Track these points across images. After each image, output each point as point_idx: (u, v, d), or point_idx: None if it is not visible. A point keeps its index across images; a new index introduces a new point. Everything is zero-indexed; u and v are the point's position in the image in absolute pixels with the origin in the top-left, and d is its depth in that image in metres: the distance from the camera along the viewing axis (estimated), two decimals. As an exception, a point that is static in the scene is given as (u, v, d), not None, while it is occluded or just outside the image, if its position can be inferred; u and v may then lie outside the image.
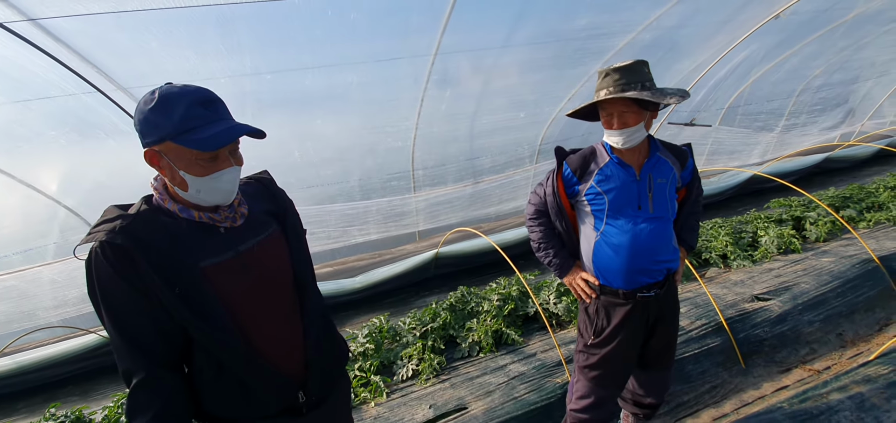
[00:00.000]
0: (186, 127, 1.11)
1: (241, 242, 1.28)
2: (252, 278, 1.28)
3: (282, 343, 1.34)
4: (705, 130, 6.79)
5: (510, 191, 6.35)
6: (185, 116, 1.11)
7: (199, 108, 1.13)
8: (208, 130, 1.12)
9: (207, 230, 1.24)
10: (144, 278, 1.12)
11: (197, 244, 1.21)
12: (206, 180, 1.17)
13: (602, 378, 2.06)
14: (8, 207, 4.49)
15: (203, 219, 1.23)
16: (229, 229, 1.28)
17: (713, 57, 5.27)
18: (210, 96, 1.17)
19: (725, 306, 3.63)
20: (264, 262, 1.32)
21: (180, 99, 1.11)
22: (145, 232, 1.15)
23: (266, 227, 1.37)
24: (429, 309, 4.00)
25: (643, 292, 1.93)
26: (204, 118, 1.13)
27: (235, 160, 1.22)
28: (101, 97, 2.93)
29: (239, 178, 1.26)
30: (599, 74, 1.83)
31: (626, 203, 1.90)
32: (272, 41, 3.02)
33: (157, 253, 1.14)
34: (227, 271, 1.24)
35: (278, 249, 1.38)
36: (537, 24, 3.77)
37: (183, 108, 1.11)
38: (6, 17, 2.12)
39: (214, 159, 1.17)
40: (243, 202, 1.34)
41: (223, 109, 1.20)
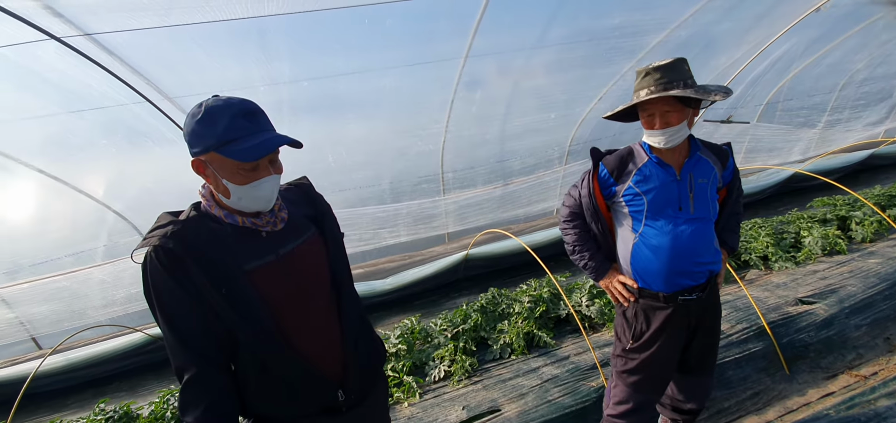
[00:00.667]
0: (228, 138, 1.17)
1: (281, 245, 1.34)
2: (292, 280, 1.33)
3: (321, 343, 1.38)
4: (742, 128, 6.57)
5: (539, 192, 6.30)
6: (228, 127, 1.17)
7: (241, 120, 1.19)
8: (248, 142, 1.18)
9: (251, 235, 1.30)
10: (194, 280, 1.19)
11: (241, 248, 1.27)
12: (246, 189, 1.23)
13: (641, 383, 2.02)
14: (60, 212, 4.76)
15: (246, 224, 1.29)
16: (271, 233, 1.33)
17: (751, 52, 5.10)
18: (252, 108, 1.22)
19: (767, 310, 3.50)
20: (304, 264, 1.37)
21: (224, 112, 1.17)
22: (194, 237, 1.22)
23: (305, 230, 1.42)
24: (459, 310, 4.01)
25: (684, 295, 1.89)
26: (245, 130, 1.19)
27: (275, 169, 1.27)
28: (149, 107, 3.08)
29: (278, 185, 1.32)
30: (638, 73, 1.80)
31: (666, 204, 1.86)
32: (309, 49, 3.11)
33: (205, 257, 1.21)
34: (269, 274, 1.29)
35: (317, 251, 1.43)
36: (569, 24, 3.74)
37: (226, 120, 1.17)
38: (64, 32, 2.27)
39: (255, 169, 1.22)
40: (284, 207, 1.40)
41: (264, 120, 1.25)
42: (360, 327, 1.53)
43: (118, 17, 2.27)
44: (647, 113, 1.78)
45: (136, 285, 5.24)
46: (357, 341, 1.48)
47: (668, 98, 1.71)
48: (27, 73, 2.65)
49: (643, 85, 1.75)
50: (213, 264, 1.21)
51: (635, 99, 1.78)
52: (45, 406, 4.57)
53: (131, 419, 3.28)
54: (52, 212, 4.66)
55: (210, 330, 1.24)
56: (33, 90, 2.87)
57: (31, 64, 2.55)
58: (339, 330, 1.43)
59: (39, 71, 2.63)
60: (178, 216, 1.29)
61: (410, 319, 4.10)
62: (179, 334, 1.22)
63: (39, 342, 5.94)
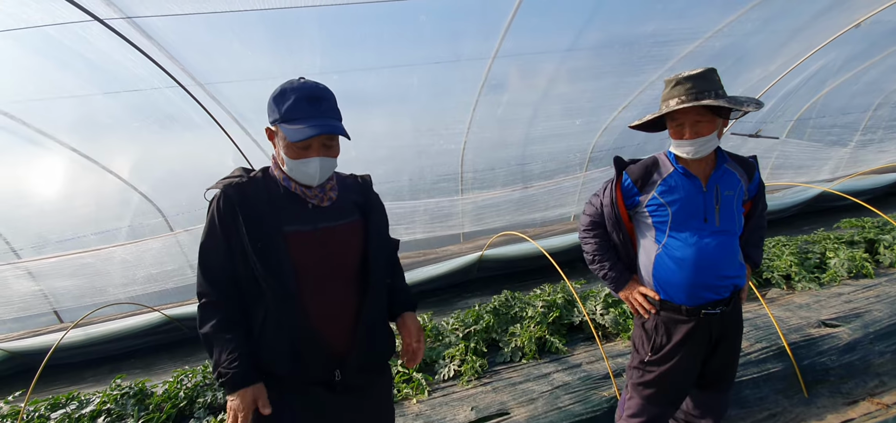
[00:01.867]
0: (288, 117, 1.34)
1: (322, 219, 1.47)
2: (324, 254, 1.45)
3: (334, 320, 1.48)
4: (771, 143, 6.42)
5: (558, 197, 6.26)
6: (291, 107, 1.33)
7: (304, 103, 1.34)
8: (302, 124, 1.33)
9: (299, 202, 1.45)
10: (238, 228, 1.37)
11: (287, 211, 1.43)
12: (296, 163, 1.39)
13: (657, 397, 1.99)
14: (88, 190, 4.90)
15: (297, 191, 1.45)
16: (317, 206, 1.47)
17: (785, 66, 4.98)
18: (319, 94, 1.38)
19: (788, 330, 3.42)
20: (339, 243, 1.49)
21: (292, 93, 1.35)
22: (252, 192, 1.41)
23: (350, 215, 1.54)
24: (472, 311, 4.01)
25: (708, 308, 1.86)
26: (304, 113, 1.34)
27: (328, 153, 1.42)
28: (181, 92, 3.15)
29: (331, 167, 1.45)
30: (667, 82, 1.77)
31: (691, 215, 1.83)
32: (340, 43, 3.15)
33: (254, 211, 1.38)
34: (304, 240, 1.43)
35: (355, 237, 1.53)
36: (603, 30, 3.71)
37: (292, 100, 1.34)
38: (107, 15, 2.34)
39: (306, 148, 1.37)
40: (335, 188, 1.53)
41: (328, 106, 1.40)
42: (377, 318, 1.59)
43: (161, 2, 2.34)
44: (677, 122, 1.76)
45: (156, 267, 5.37)
46: (369, 330, 1.54)
47: (698, 108, 1.69)
48: (69, 52, 2.75)
49: (673, 94, 1.72)
50: (258, 218, 1.38)
51: (665, 108, 1.76)
52: (63, 378, 4.71)
53: (146, 396, 3.36)
54: (81, 189, 4.80)
55: (236, 273, 1.40)
56: (73, 70, 2.98)
57: (75, 44, 2.65)
58: (354, 313, 1.51)
59: (82, 52, 2.73)
60: (250, 173, 1.47)
61: (422, 316, 4.11)
62: (208, 264, 1.40)
63: (61, 316, 6.13)
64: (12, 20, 2.34)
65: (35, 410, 3.33)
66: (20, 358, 4.86)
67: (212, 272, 1.40)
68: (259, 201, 1.41)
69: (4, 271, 5.20)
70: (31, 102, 3.38)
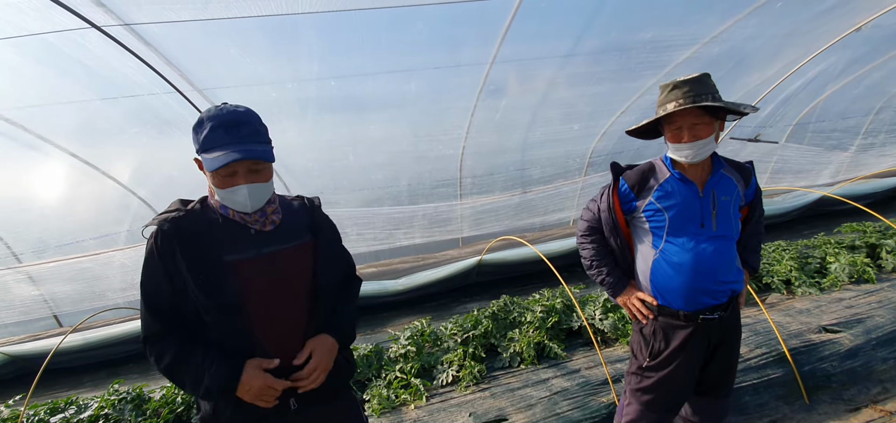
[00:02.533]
0: (206, 147, 1.29)
1: (266, 245, 1.42)
2: (270, 279, 1.41)
3: (285, 346, 1.44)
4: (770, 147, 6.41)
5: (557, 202, 6.26)
6: (207, 137, 1.29)
7: (221, 131, 1.28)
8: (217, 153, 1.28)
9: (239, 229, 1.41)
10: (177, 264, 1.32)
11: (227, 240, 1.38)
12: (224, 192, 1.34)
13: (656, 403, 1.98)
14: (88, 195, 4.91)
15: (235, 218, 1.40)
16: (260, 231, 1.42)
17: (784, 70, 4.98)
18: (238, 119, 1.31)
19: (789, 336, 3.40)
20: (285, 267, 1.45)
21: (208, 121, 1.29)
22: (190, 225, 1.36)
23: (296, 238, 1.49)
24: (470, 316, 4.00)
25: (705, 314, 1.85)
26: (221, 141, 1.28)
27: (257, 178, 1.36)
28: (179, 97, 3.16)
29: (262, 192, 1.38)
30: (663, 88, 1.78)
31: (688, 220, 1.83)
32: (338, 49, 3.16)
33: (194, 244, 1.34)
34: (248, 268, 1.38)
35: (303, 259, 1.50)
36: (601, 37, 3.72)
37: (207, 129, 1.29)
38: (105, 22, 2.35)
39: (232, 175, 1.32)
40: (278, 211, 1.48)
41: (247, 131, 1.32)
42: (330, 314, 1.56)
43: (159, 9, 2.35)
44: (675, 126, 1.76)
45: (155, 271, 5.36)
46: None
47: (696, 111, 1.69)
48: (68, 59, 2.77)
49: (670, 98, 1.72)
50: (198, 251, 1.34)
51: (662, 112, 1.75)
52: (62, 382, 4.70)
53: (143, 402, 3.35)
54: (80, 194, 4.82)
55: (180, 309, 1.36)
56: (72, 76, 3.00)
57: (73, 51, 2.67)
58: (306, 338, 1.48)
59: (80, 58, 2.74)
60: (187, 205, 1.42)
61: (421, 321, 4.10)
62: (149, 305, 1.36)
63: (60, 320, 6.13)
64: (12, 28, 2.36)
65: (35, 414, 3.33)
66: (20, 362, 4.86)
67: (157, 310, 1.36)
68: (198, 233, 1.36)
69: (5, 275, 5.21)
70: (31, 109, 3.40)
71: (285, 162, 4.85)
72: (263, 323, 1.40)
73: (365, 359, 3.64)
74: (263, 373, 1.36)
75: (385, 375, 3.44)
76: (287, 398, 1.45)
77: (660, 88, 1.80)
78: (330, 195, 5.36)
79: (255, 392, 1.35)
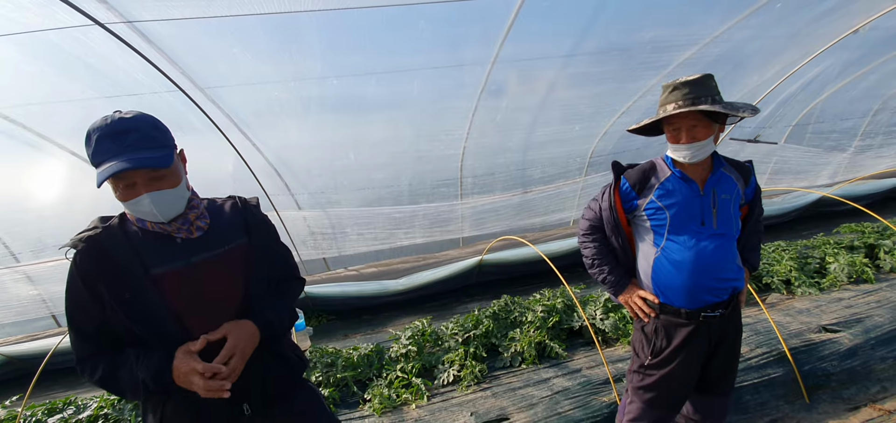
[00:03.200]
0: (96, 161, 1.21)
1: (194, 253, 1.36)
2: (201, 288, 1.35)
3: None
4: (769, 148, 6.43)
5: (557, 202, 6.27)
6: (95, 149, 1.20)
7: (107, 142, 1.19)
8: (105, 165, 1.19)
9: (164, 240, 1.33)
10: (99, 284, 1.25)
11: (152, 253, 1.31)
12: (128, 205, 1.26)
13: (658, 401, 1.99)
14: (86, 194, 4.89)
15: (155, 229, 1.32)
16: (185, 239, 1.35)
17: (783, 72, 5.00)
18: (125, 127, 1.22)
19: (789, 336, 3.42)
20: (216, 274, 1.38)
21: (94, 134, 1.21)
22: (110, 242, 1.28)
23: (228, 242, 1.43)
24: (471, 316, 4.00)
25: (707, 311, 1.86)
26: (108, 153, 1.19)
27: (160, 185, 1.26)
28: (181, 96, 3.16)
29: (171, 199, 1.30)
30: (664, 88, 1.79)
31: (689, 219, 1.84)
32: (340, 48, 3.16)
33: (115, 262, 1.26)
34: (176, 279, 1.32)
35: (236, 264, 1.43)
36: (601, 38, 3.73)
37: (94, 143, 1.20)
38: (107, 19, 2.35)
39: (130, 186, 1.23)
40: (204, 216, 1.41)
41: (135, 138, 1.22)
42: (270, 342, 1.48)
43: (161, 6, 2.35)
44: (674, 127, 1.77)
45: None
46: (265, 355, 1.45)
47: (695, 113, 1.70)
48: (70, 57, 2.76)
49: (670, 99, 1.74)
50: (121, 268, 1.26)
51: (662, 113, 1.77)
52: (60, 383, 4.68)
53: (143, 401, 3.34)
54: (79, 194, 4.80)
55: (108, 329, 1.29)
56: (73, 75, 2.99)
57: (75, 49, 2.66)
58: None
59: (82, 56, 2.73)
60: (107, 222, 1.34)
61: (421, 321, 4.10)
62: (77, 328, 1.30)
63: (59, 320, 6.11)
64: (12, 24, 2.35)
65: (32, 414, 3.32)
66: (18, 363, 4.84)
67: (85, 334, 1.30)
68: (119, 250, 1.28)
69: (3, 275, 5.19)
70: (31, 107, 3.39)
71: (286, 161, 4.85)
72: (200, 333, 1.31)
73: (366, 359, 3.65)
74: (190, 354, 1.27)
75: (386, 374, 3.45)
76: (240, 403, 1.41)
77: (662, 88, 1.81)
78: (331, 195, 5.36)
79: (181, 376, 1.26)
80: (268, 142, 4.38)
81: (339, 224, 5.59)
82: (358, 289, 5.31)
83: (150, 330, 1.28)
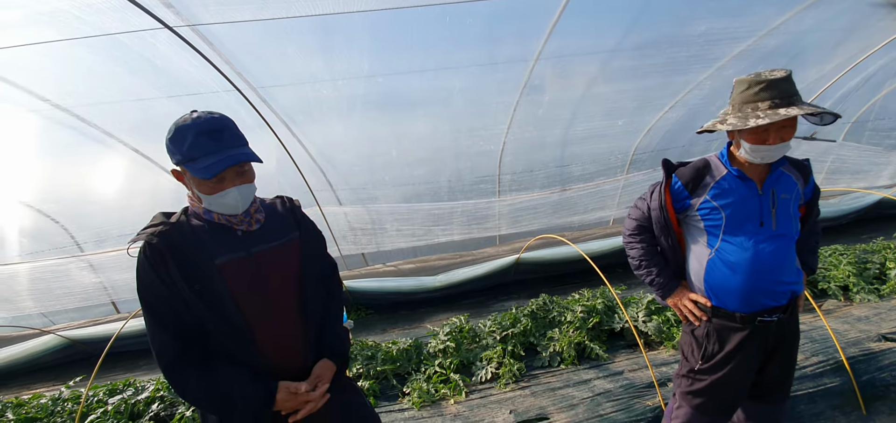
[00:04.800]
0: (192, 156, 1.29)
1: (254, 244, 1.45)
2: (260, 278, 1.43)
3: (281, 344, 1.47)
4: (826, 146, 6.09)
5: (597, 200, 6.16)
6: (192, 145, 1.29)
7: (204, 138, 1.29)
8: (208, 160, 1.29)
9: (226, 232, 1.42)
10: (172, 275, 1.32)
11: (215, 244, 1.39)
12: (213, 198, 1.36)
13: (708, 407, 1.94)
14: (145, 189, 5.19)
15: (221, 221, 1.42)
16: (246, 232, 1.45)
17: (842, 66, 4.74)
18: (217, 126, 1.33)
19: (847, 344, 3.25)
20: (275, 264, 1.48)
21: (189, 130, 1.29)
22: (178, 236, 1.36)
23: (282, 236, 1.53)
24: (509, 314, 4.00)
25: (764, 316, 1.79)
26: (206, 148, 1.29)
27: (243, 179, 1.38)
28: (237, 96, 3.32)
29: (250, 193, 1.42)
30: (746, 83, 1.64)
31: (746, 219, 1.77)
32: (389, 46, 3.24)
33: (183, 254, 1.34)
34: (239, 269, 1.40)
35: (291, 256, 1.53)
36: (651, 30, 3.64)
37: (190, 138, 1.29)
38: (175, 22, 2.50)
39: (220, 181, 1.34)
40: (261, 210, 1.52)
41: (229, 137, 1.34)
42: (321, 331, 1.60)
43: (222, 9, 2.48)
44: (761, 128, 1.64)
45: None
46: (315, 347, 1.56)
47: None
48: (139, 59, 2.96)
49: (762, 98, 1.60)
50: (189, 260, 1.34)
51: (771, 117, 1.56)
52: (119, 366, 4.99)
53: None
54: (139, 187, 5.10)
55: (183, 318, 1.35)
56: (141, 75, 3.20)
57: (144, 51, 2.85)
58: (301, 334, 1.52)
59: (149, 57, 2.93)
60: (170, 217, 1.42)
61: (459, 317, 4.14)
62: (156, 317, 1.34)
63: (118, 307, 6.51)
64: (90, 28, 2.54)
65: (94, 394, 3.56)
66: (80, 346, 5.19)
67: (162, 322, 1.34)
68: (186, 243, 1.36)
69: (68, 263, 5.58)
70: (102, 105, 3.64)
71: (330, 158, 4.98)
72: (260, 322, 1.42)
73: (405, 353, 3.71)
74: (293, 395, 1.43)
75: (424, 369, 3.50)
76: None
77: (736, 83, 1.69)
78: (371, 191, 5.47)
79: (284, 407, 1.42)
80: (314, 138, 4.52)
81: (378, 220, 5.69)
82: (396, 284, 5.40)
83: (218, 318, 1.35)
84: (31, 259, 5.53)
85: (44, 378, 4.87)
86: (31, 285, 5.54)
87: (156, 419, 3.28)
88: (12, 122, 3.75)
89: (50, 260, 5.44)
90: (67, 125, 3.83)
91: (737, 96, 1.69)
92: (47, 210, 5.34)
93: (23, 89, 3.30)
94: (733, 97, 1.71)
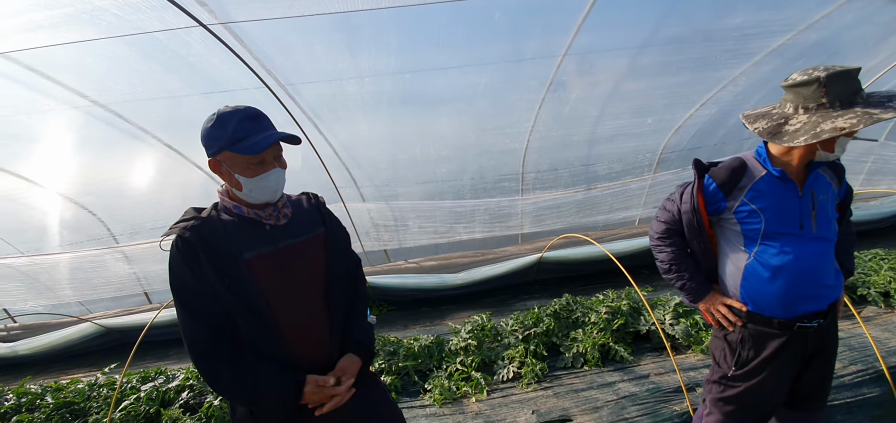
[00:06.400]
0: (237, 137, 1.34)
1: (282, 239, 1.48)
2: (288, 272, 1.46)
3: (308, 339, 1.50)
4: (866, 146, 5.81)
5: (623, 200, 6.04)
6: (237, 128, 1.34)
7: (248, 122, 1.36)
8: (254, 138, 1.35)
9: (255, 225, 1.46)
10: (203, 268, 1.35)
11: (244, 238, 1.42)
12: (255, 181, 1.39)
13: (740, 414, 1.87)
14: (176, 183, 5.35)
15: (250, 215, 1.45)
16: (274, 226, 1.48)
17: (886, 62, 4.51)
18: (256, 113, 1.40)
19: (888, 353, 3.10)
20: (302, 259, 1.51)
21: (232, 116, 1.35)
22: (208, 230, 1.39)
23: (309, 230, 1.56)
24: (531, 313, 3.97)
25: (803, 322, 1.72)
26: (250, 130, 1.36)
27: (279, 164, 1.44)
28: (266, 93, 3.38)
29: (283, 179, 1.47)
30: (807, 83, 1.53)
31: (787, 222, 1.70)
32: (415, 43, 3.25)
33: (214, 248, 1.37)
34: (267, 263, 1.43)
35: (318, 251, 1.56)
36: (684, 24, 3.53)
37: (235, 122, 1.35)
38: (209, 20, 2.56)
39: (261, 163, 1.39)
40: (288, 205, 1.55)
41: (266, 122, 1.42)
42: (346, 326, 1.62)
43: (253, 6, 2.52)
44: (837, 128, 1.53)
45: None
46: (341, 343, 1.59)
47: None
48: (174, 56, 3.04)
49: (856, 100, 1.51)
50: (219, 254, 1.37)
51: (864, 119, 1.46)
52: (150, 354, 5.16)
53: (226, 377, 3.61)
54: (171, 182, 5.26)
55: (214, 310, 1.38)
56: (175, 72, 3.29)
57: (179, 49, 2.93)
58: (326, 329, 1.54)
59: (184, 56, 3.01)
60: (201, 212, 1.46)
61: (480, 316, 4.12)
62: (189, 309, 1.37)
63: (150, 297, 6.74)
64: (128, 26, 2.62)
65: (127, 381, 3.69)
66: (115, 334, 5.39)
67: (197, 312, 1.37)
68: (217, 237, 1.39)
69: (104, 254, 5.81)
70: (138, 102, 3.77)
71: (354, 154, 5.03)
72: (288, 315, 1.45)
73: (426, 350, 3.72)
74: (321, 388, 1.45)
75: (446, 366, 3.50)
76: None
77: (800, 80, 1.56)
78: (394, 187, 5.51)
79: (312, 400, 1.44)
80: (339, 135, 4.57)
81: (401, 217, 5.73)
82: (418, 281, 5.42)
83: (246, 311, 1.38)
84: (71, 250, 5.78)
85: (80, 364, 5.08)
86: (71, 275, 5.79)
87: (186, 406, 3.38)
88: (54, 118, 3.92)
89: (88, 251, 5.67)
90: (104, 121, 3.98)
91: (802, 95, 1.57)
92: (85, 203, 5.57)
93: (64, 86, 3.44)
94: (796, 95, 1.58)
